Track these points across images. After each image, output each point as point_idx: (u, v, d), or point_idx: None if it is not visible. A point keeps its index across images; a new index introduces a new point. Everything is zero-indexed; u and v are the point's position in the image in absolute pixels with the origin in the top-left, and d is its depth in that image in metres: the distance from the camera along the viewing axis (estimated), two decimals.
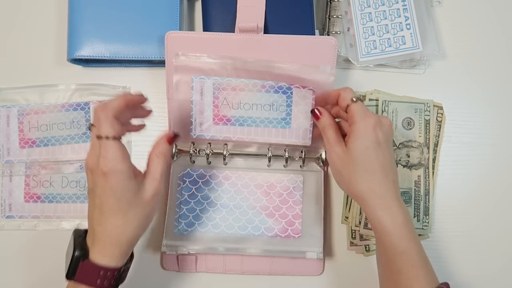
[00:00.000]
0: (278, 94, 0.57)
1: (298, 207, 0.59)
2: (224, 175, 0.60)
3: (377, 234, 0.49)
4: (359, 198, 0.49)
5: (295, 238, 0.59)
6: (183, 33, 0.57)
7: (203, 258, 0.60)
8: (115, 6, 0.60)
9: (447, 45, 0.65)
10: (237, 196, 0.59)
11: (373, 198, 0.48)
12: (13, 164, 0.61)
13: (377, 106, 0.61)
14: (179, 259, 0.60)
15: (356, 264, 0.61)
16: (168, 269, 0.60)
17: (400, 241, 0.47)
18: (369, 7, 0.63)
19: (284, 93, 0.57)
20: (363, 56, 0.62)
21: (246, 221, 0.59)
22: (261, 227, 0.59)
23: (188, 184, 0.59)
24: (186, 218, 0.59)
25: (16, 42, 0.64)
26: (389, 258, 0.48)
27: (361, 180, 0.49)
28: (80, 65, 0.62)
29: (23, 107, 0.61)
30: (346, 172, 0.49)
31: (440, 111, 0.62)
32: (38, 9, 0.64)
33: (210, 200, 0.59)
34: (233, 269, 0.60)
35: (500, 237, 0.62)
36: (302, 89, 0.56)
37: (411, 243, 0.47)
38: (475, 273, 0.61)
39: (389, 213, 0.48)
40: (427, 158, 0.61)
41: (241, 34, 0.58)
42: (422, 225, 0.60)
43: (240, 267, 0.60)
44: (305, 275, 0.60)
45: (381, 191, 0.49)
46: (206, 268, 0.60)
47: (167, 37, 0.57)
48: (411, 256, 0.47)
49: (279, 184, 0.60)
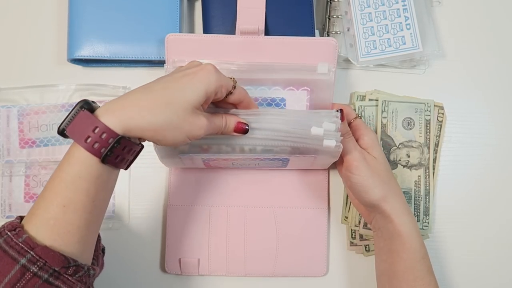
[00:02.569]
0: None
1: None
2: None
3: (398, 240, 0.50)
4: (380, 204, 0.50)
5: None
6: (184, 35, 0.57)
7: (206, 261, 0.60)
8: (115, 6, 0.60)
9: (447, 45, 0.64)
10: None
11: (394, 203, 0.50)
12: (13, 164, 0.61)
13: (377, 106, 0.61)
14: (181, 262, 0.59)
15: (356, 264, 0.61)
16: (170, 273, 0.60)
17: (421, 247, 0.50)
18: (369, 7, 0.62)
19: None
20: (363, 56, 0.62)
21: None
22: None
23: None
24: None
25: (16, 42, 0.64)
26: (407, 265, 0.49)
27: (382, 185, 0.51)
28: (80, 65, 0.62)
29: (23, 107, 0.61)
30: (371, 179, 0.50)
31: (441, 111, 0.62)
32: (38, 9, 0.64)
33: None
34: (236, 271, 0.60)
35: (500, 237, 0.62)
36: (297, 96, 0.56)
37: (425, 249, 0.51)
38: (475, 273, 0.61)
39: (410, 220, 0.51)
40: (427, 158, 0.61)
41: (242, 36, 0.57)
42: (422, 225, 0.60)
43: (243, 269, 0.60)
44: (309, 276, 0.60)
45: (399, 198, 0.51)
46: (209, 271, 0.60)
47: (167, 40, 0.56)
48: (428, 262, 0.50)
49: None
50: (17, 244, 0.37)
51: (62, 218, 0.39)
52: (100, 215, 0.43)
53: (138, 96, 0.42)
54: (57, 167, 0.40)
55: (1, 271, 0.36)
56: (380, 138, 0.61)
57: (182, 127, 0.42)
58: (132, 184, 0.62)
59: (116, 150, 0.40)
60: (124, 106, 0.41)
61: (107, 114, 0.40)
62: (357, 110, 0.62)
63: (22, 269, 0.36)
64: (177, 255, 0.59)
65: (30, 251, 0.37)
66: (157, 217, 0.61)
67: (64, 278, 0.38)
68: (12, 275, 0.36)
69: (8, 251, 0.37)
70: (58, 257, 0.38)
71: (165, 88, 0.42)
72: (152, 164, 0.61)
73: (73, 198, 0.39)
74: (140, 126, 0.40)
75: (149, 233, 0.61)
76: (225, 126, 0.47)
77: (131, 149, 0.41)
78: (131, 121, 0.40)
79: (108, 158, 0.40)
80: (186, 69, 0.45)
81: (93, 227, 0.42)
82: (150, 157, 0.61)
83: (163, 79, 0.44)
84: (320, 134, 0.48)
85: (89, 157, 0.39)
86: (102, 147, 0.39)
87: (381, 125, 0.61)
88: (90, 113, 0.40)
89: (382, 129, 0.61)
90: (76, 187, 0.39)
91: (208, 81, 0.43)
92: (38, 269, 0.37)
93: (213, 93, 0.44)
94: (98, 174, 0.40)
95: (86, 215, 0.40)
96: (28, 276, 0.37)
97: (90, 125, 0.39)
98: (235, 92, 0.47)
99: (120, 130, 0.40)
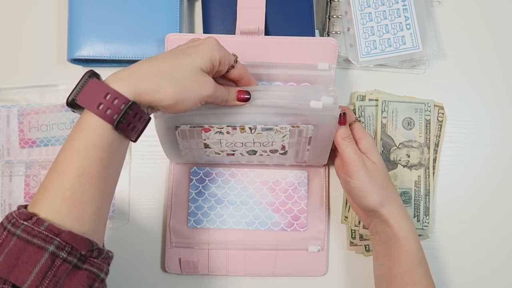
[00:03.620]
0: None
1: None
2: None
3: (396, 244, 0.50)
4: (378, 209, 0.50)
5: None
6: (184, 35, 0.57)
7: (206, 260, 0.60)
8: (115, 6, 0.60)
9: (447, 45, 0.64)
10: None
11: (391, 207, 0.50)
12: (13, 164, 0.61)
13: (377, 106, 0.61)
14: (182, 261, 0.59)
15: (356, 264, 0.61)
16: (170, 272, 0.60)
17: (419, 251, 0.50)
18: (369, 7, 0.62)
19: None
20: (363, 56, 0.62)
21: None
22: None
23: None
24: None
25: (17, 42, 0.64)
26: (405, 268, 0.49)
27: (380, 190, 0.51)
28: (80, 65, 0.62)
29: (23, 107, 0.61)
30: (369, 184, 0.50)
31: (441, 111, 0.62)
32: (38, 9, 0.64)
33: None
34: (235, 270, 0.60)
35: (500, 237, 0.62)
36: None
37: (423, 252, 0.51)
38: (475, 273, 0.61)
39: (408, 224, 0.51)
40: (427, 158, 0.61)
41: (242, 36, 0.57)
42: (422, 225, 0.60)
43: (243, 268, 0.60)
44: (308, 275, 0.60)
45: (397, 202, 0.51)
46: (209, 271, 0.60)
47: (167, 40, 0.56)
48: (426, 266, 0.50)
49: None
50: (41, 233, 0.36)
51: (77, 188, 0.38)
52: (113, 186, 0.42)
53: (144, 64, 0.42)
54: (68, 138, 0.40)
55: (28, 261, 0.35)
56: (380, 138, 0.61)
57: (191, 87, 0.42)
58: (132, 184, 0.62)
59: (128, 117, 0.40)
60: (132, 73, 0.41)
61: (117, 81, 0.40)
62: (357, 110, 0.62)
63: (52, 257, 0.36)
64: (177, 254, 0.59)
65: (56, 237, 0.36)
66: (157, 217, 0.61)
67: (91, 261, 0.38)
68: (42, 264, 0.35)
69: (32, 240, 0.36)
70: (84, 240, 0.37)
71: (171, 56, 0.43)
72: (152, 164, 0.61)
73: (88, 167, 0.39)
74: (150, 90, 0.40)
75: (149, 233, 0.61)
76: (228, 94, 0.47)
77: (141, 116, 0.41)
78: (141, 85, 0.40)
79: (121, 124, 0.40)
80: (189, 43, 0.46)
81: (106, 198, 0.41)
82: (150, 157, 0.62)
83: (168, 51, 0.45)
84: (319, 107, 0.48)
85: (102, 124, 0.39)
86: (114, 113, 0.39)
87: (381, 125, 0.61)
88: (99, 81, 0.40)
89: (382, 129, 0.61)
90: (91, 155, 0.39)
91: (212, 50, 0.44)
92: (68, 255, 0.36)
93: (217, 62, 0.45)
94: (111, 141, 0.40)
95: (100, 185, 0.40)
96: (58, 262, 0.36)
97: (102, 92, 0.39)
98: (237, 67, 0.48)
99: (131, 96, 0.40)
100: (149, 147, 0.61)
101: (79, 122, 0.40)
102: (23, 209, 0.39)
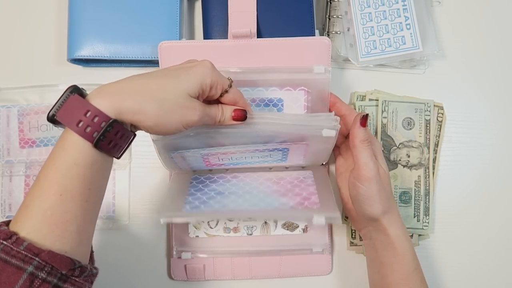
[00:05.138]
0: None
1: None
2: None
3: (391, 252, 0.50)
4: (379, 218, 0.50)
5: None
6: (176, 43, 0.56)
7: (211, 266, 0.59)
8: (115, 7, 0.60)
9: (447, 45, 0.65)
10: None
11: (391, 217, 0.50)
12: (13, 164, 0.61)
13: (377, 106, 0.61)
14: (187, 268, 0.59)
15: (356, 264, 0.61)
16: (176, 279, 0.60)
17: (414, 259, 0.50)
18: (369, 7, 0.62)
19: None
20: (363, 56, 0.62)
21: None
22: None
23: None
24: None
25: (16, 42, 0.64)
26: (400, 276, 0.49)
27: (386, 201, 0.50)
28: (80, 65, 0.62)
29: (23, 107, 0.61)
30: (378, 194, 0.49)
31: (441, 111, 0.62)
32: (38, 10, 0.64)
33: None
34: (241, 274, 0.60)
35: (500, 237, 0.62)
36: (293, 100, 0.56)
37: (418, 260, 0.51)
38: (475, 273, 0.61)
39: (403, 233, 0.50)
40: (427, 158, 0.61)
41: (234, 40, 0.57)
42: (422, 225, 0.60)
43: (249, 272, 0.60)
44: (314, 275, 0.60)
45: (396, 211, 0.51)
46: (215, 276, 0.60)
47: (160, 48, 0.55)
48: (421, 273, 0.50)
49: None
50: (19, 252, 0.35)
51: (59, 207, 0.37)
52: (97, 203, 0.41)
53: (131, 80, 0.41)
54: (50, 156, 0.39)
55: (6, 281, 0.35)
56: (380, 138, 0.61)
57: (174, 111, 0.41)
58: (132, 184, 0.62)
59: (109, 135, 0.39)
60: (116, 90, 0.40)
61: (98, 97, 0.39)
62: (357, 110, 0.62)
63: (30, 277, 0.35)
64: (182, 262, 0.59)
65: (35, 257, 0.35)
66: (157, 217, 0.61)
67: (72, 280, 0.37)
68: (20, 285, 0.35)
69: (10, 260, 0.35)
70: (64, 259, 0.37)
71: (160, 76, 0.42)
72: (152, 164, 0.61)
73: (69, 186, 0.38)
74: (131, 109, 0.39)
75: (149, 233, 0.61)
76: (221, 115, 0.46)
77: (123, 134, 0.40)
78: (123, 103, 0.39)
79: (101, 143, 0.39)
80: (184, 63, 0.45)
81: (90, 216, 0.40)
82: (150, 157, 0.61)
83: (159, 70, 0.44)
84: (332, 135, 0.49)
85: (82, 142, 0.38)
86: (94, 131, 0.38)
87: (381, 125, 0.61)
88: (80, 97, 0.39)
89: (382, 129, 0.61)
90: (72, 174, 0.38)
91: (204, 74, 0.43)
92: (47, 275, 0.36)
93: (208, 87, 0.43)
94: (93, 160, 0.39)
95: (83, 203, 0.39)
96: (37, 283, 0.35)
97: (82, 109, 0.38)
98: (231, 92, 0.46)
99: (113, 114, 0.39)
100: (149, 147, 0.61)
101: (61, 138, 0.39)
102: (5, 226, 0.38)
